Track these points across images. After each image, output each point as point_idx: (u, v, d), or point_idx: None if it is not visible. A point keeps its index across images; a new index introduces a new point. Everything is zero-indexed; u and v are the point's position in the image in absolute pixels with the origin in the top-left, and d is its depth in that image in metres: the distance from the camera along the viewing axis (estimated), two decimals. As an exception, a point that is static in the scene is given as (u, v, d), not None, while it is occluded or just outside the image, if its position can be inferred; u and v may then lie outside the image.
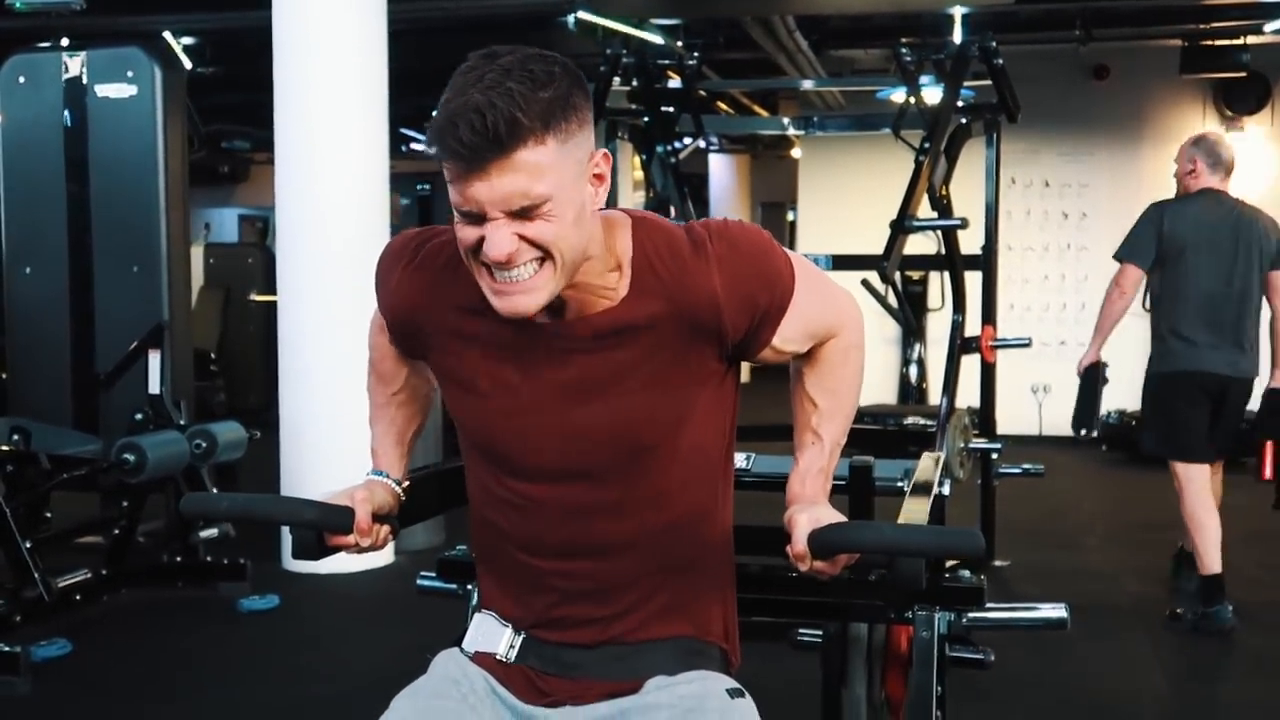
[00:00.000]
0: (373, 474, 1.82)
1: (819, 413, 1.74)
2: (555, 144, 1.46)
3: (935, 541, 1.66)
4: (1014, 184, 9.41)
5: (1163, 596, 5.28)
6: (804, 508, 1.66)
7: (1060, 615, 2.13)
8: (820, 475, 1.72)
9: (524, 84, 1.44)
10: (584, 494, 1.65)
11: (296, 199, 5.53)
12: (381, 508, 1.75)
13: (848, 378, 1.76)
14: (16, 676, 4.06)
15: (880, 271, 5.03)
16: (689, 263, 1.60)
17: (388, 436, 1.87)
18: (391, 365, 1.86)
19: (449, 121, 1.43)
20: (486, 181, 1.45)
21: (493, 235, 1.47)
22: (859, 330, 1.77)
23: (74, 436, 5.58)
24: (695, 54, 6.51)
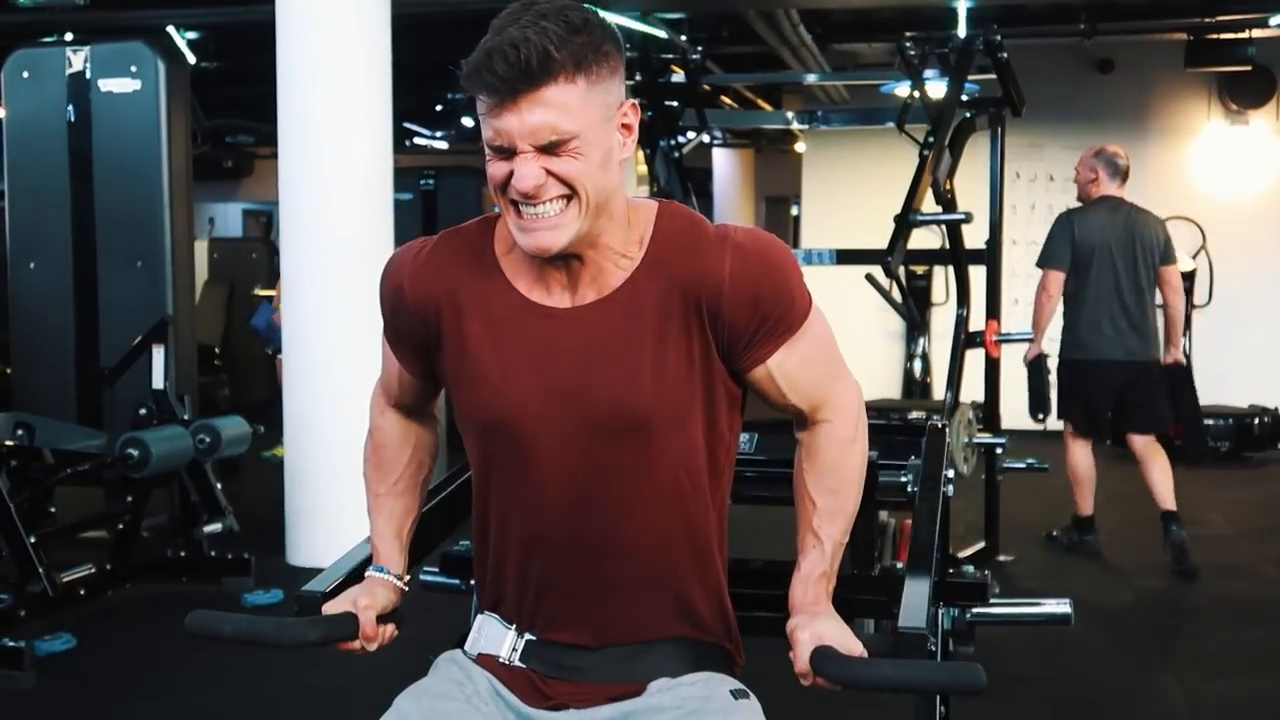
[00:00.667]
0: (374, 570, 1.82)
1: (819, 513, 1.71)
2: (585, 84, 1.51)
3: (936, 679, 1.65)
4: (1018, 178, 9.39)
5: (1170, 591, 5.28)
6: (807, 621, 1.64)
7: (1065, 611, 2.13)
8: (822, 579, 1.70)
9: (559, 25, 1.50)
10: (586, 485, 1.64)
11: (300, 193, 5.53)
12: (384, 609, 1.76)
13: (848, 476, 1.74)
14: (21, 671, 4.06)
15: (884, 266, 5.02)
16: (704, 244, 1.63)
17: (388, 530, 1.85)
18: (394, 450, 1.85)
19: (485, 55, 1.50)
20: (517, 114, 1.50)
21: (521, 168, 1.52)
22: (859, 422, 1.75)
23: (78, 431, 5.58)
24: (699, 48, 6.51)
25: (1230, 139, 9.49)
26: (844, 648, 1.59)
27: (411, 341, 1.74)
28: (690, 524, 1.69)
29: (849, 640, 1.61)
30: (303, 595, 1.82)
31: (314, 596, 1.79)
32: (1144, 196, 9.53)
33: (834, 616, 1.66)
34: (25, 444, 5.02)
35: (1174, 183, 9.53)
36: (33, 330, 6.20)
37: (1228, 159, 9.46)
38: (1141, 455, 5.78)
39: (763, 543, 2.43)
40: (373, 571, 1.81)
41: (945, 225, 5.58)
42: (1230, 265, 9.43)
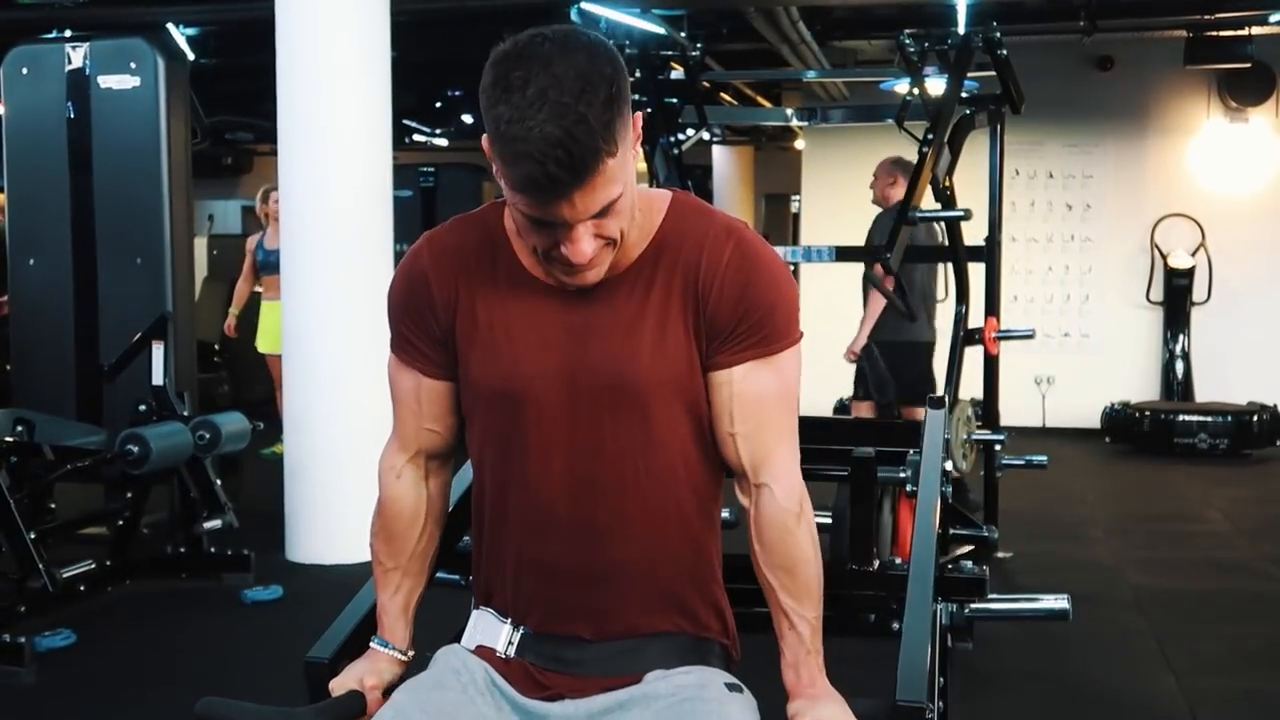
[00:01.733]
0: (378, 644, 1.83)
1: (784, 594, 1.69)
2: (621, 146, 1.52)
3: None
4: (1018, 175, 9.38)
5: (1168, 588, 5.29)
6: (808, 705, 1.65)
7: (1063, 607, 2.14)
8: (810, 658, 1.68)
9: (587, 101, 1.46)
10: (587, 461, 1.66)
11: (300, 190, 5.53)
12: (390, 684, 1.78)
13: (798, 553, 1.68)
14: (21, 667, 4.07)
15: (883, 263, 5.02)
16: (712, 231, 1.66)
17: (394, 605, 1.85)
18: (405, 525, 1.83)
19: (531, 159, 1.45)
20: (570, 205, 1.50)
21: (575, 245, 1.54)
22: (800, 494, 1.69)
23: (78, 428, 5.58)
24: (698, 45, 6.49)
25: (1230, 136, 9.49)
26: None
27: (431, 334, 1.73)
28: (686, 509, 1.71)
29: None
30: (310, 662, 1.85)
31: (320, 662, 1.83)
32: (1143, 194, 9.60)
33: (832, 697, 1.66)
34: (25, 440, 5.02)
35: (1173, 180, 9.53)
36: (32, 327, 6.20)
37: (1227, 156, 9.46)
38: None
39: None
40: (377, 645, 1.83)
41: (945, 222, 5.58)
42: (1229, 263, 9.44)
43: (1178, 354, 9.42)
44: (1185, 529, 6.54)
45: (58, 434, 5.26)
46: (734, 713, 1.64)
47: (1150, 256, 9.55)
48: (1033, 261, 9.70)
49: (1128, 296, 9.64)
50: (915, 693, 1.71)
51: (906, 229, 5.02)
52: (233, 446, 5.35)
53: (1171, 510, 7.00)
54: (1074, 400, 9.49)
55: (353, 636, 1.87)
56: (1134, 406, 8.88)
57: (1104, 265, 9.70)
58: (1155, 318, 9.57)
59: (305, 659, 1.85)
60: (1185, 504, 7.16)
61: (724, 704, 1.64)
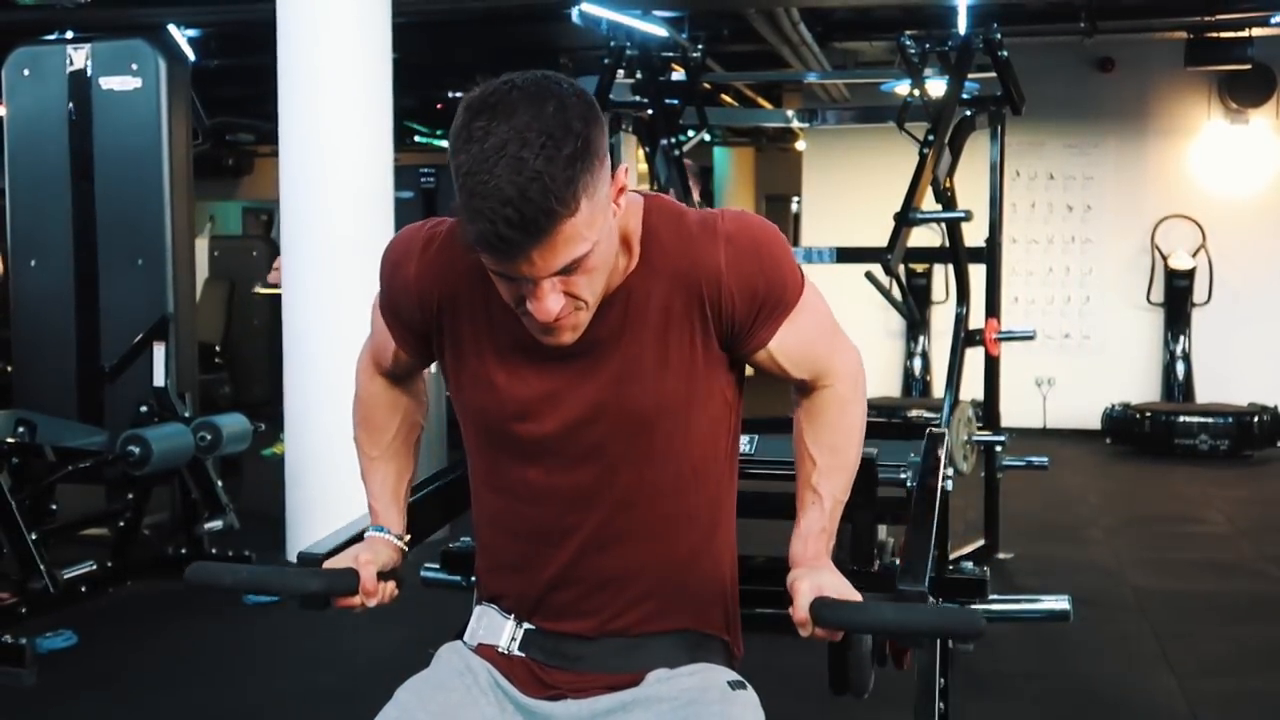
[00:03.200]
0: (373, 530, 1.83)
1: (818, 470, 1.72)
2: (586, 203, 1.44)
3: (935, 622, 1.65)
4: (1018, 176, 9.40)
5: (1169, 589, 5.29)
6: (806, 573, 1.65)
7: (1063, 608, 2.14)
8: (822, 535, 1.70)
9: (547, 156, 1.39)
10: (589, 480, 1.65)
11: (301, 191, 5.53)
12: (385, 565, 1.76)
13: (847, 433, 1.74)
14: (23, 668, 4.07)
15: (884, 264, 5.02)
16: (696, 237, 1.62)
17: (384, 491, 1.86)
18: (384, 413, 1.86)
19: (483, 217, 1.40)
20: (530, 264, 1.45)
21: (542, 301, 1.49)
22: (859, 382, 1.76)
23: (79, 429, 5.58)
24: (699, 46, 6.49)
25: (1230, 138, 9.49)
26: (844, 598, 1.61)
27: (410, 328, 1.74)
28: (693, 513, 1.70)
29: (849, 591, 1.62)
30: (304, 555, 1.82)
31: (314, 557, 1.80)
32: (1144, 195, 9.61)
33: (834, 570, 1.66)
34: (26, 441, 5.02)
35: (1174, 181, 9.54)
36: (34, 328, 6.20)
37: (1227, 158, 9.46)
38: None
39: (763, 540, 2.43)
40: (372, 531, 1.82)
41: (945, 223, 5.58)
42: (1230, 264, 9.44)
43: (1178, 355, 9.42)
44: (1186, 530, 6.54)
45: (59, 435, 5.26)
46: (736, 713, 1.63)
47: (1151, 258, 9.56)
48: (1033, 263, 9.70)
49: (1128, 298, 9.64)
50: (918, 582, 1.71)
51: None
52: (234, 447, 5.35)
53: (1172, 511, 7.00)
54: (1075, 401, 9.49)
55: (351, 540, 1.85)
56: (1135, 408, 8.88)
57: (1104, 266, 9.70)
58: (1156, 319, 9.58)
59: (299, 554, 1.83)
60: (1186, 505, 7.16)
61: (727, 705, 1.64)
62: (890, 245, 4.97)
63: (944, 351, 5.66)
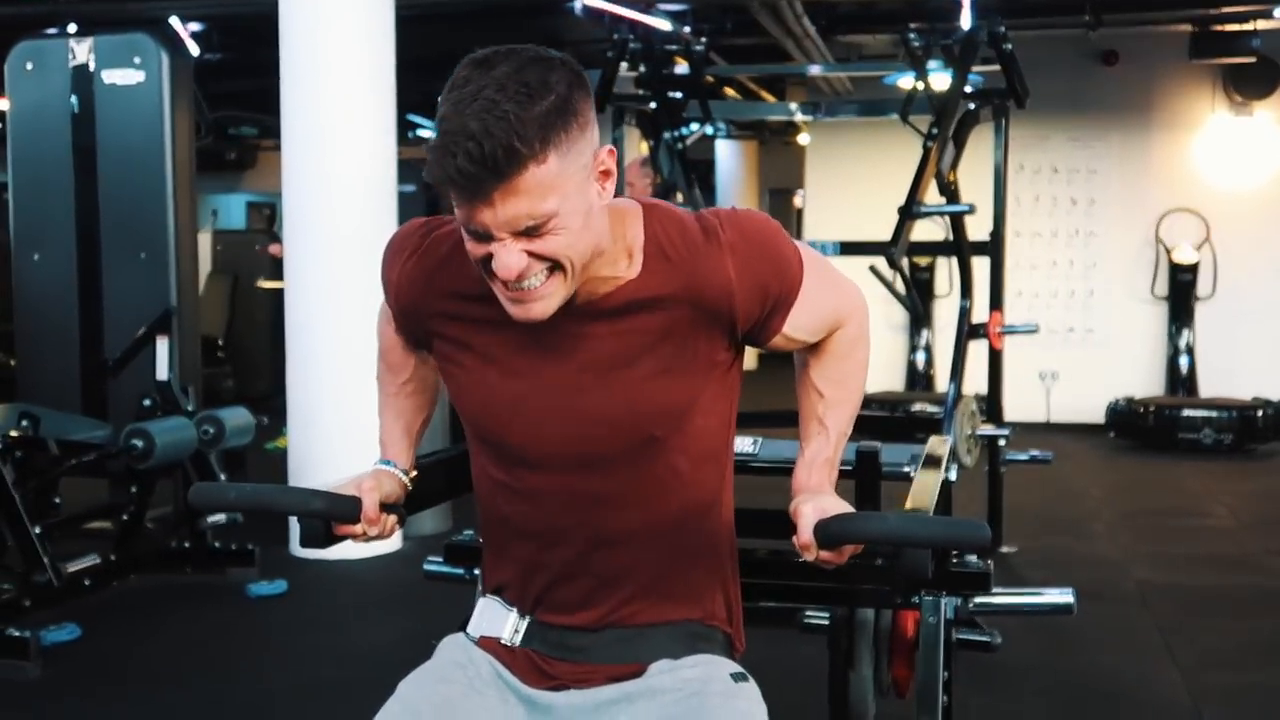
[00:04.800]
0: (380, 463, 1.82)
1: (825, 402, 1.74)
2: (556, 158, 1.43)
3: (941, 532, 1.65)
4: (1022, 169, 9.38)
5: (1172, 583, 5.29)
6: (809, 497, 1.65)
7: (1067, 601, 2.14)
8: (826, 465, 1.71)
9: (519, 102, 1.41)
10: (590, 483, 1.65)
11: (304, 185, 5.53)
12: (389, 497, 1.74)
13: (853, 368, 1.76)
14: (26, 661, 4.08)
15: (888, 257, 5.02)
16: (701, 249, 1.60)
17: (395, 426, 1.87)
18: (400, 356, 1.86)
19: (446, 151, 1.41)
20: (490, 208, 1.44)
21: (501, 256, 1.47)
22: (865, 320, 1.77)
23: (83, 422, 5.59)
24: (702, 39, 6.50)
25: (1234, 130, 9.48)
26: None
27: (405, 323, 1.76)
28: (694, 509, 1.70)
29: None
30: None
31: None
32: (1148, 188, 9.59)
33: (836, 497, 1.67)
34: (30, 435, 5.03)
35: (1178, 174, 9.53)
36: (37, 322, 6.20)
37: (1232, 151, 9.45)
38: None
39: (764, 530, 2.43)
40: (379, 464, 1.82)
41: (949, 216, 5.57)
42: (1234, 257, 9.43)
43: (1182, 349, 9.42)
44: (1190, 524, 6.53)
45: (63, 428, 5.27)
46: (740, 706, 1.64)
47: (1155, 251, 9.55)
48: (1037, 256, 9.70)
49: (1132, 291, 9.63)
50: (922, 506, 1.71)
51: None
52: (237, 441, 5.35)
53: (1176, 505, 6.99)
54: (1078, 395, 9.49)
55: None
56: (1138, 401, 8.87)
57: (1108, 260, 9.69)
58: (1160, 312, 9.57)
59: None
60: (1190, 499, 7.15)
61: (729, 697, 1.64)
62: (894, 239, 4.97)
63: (947, 345, 5.66)
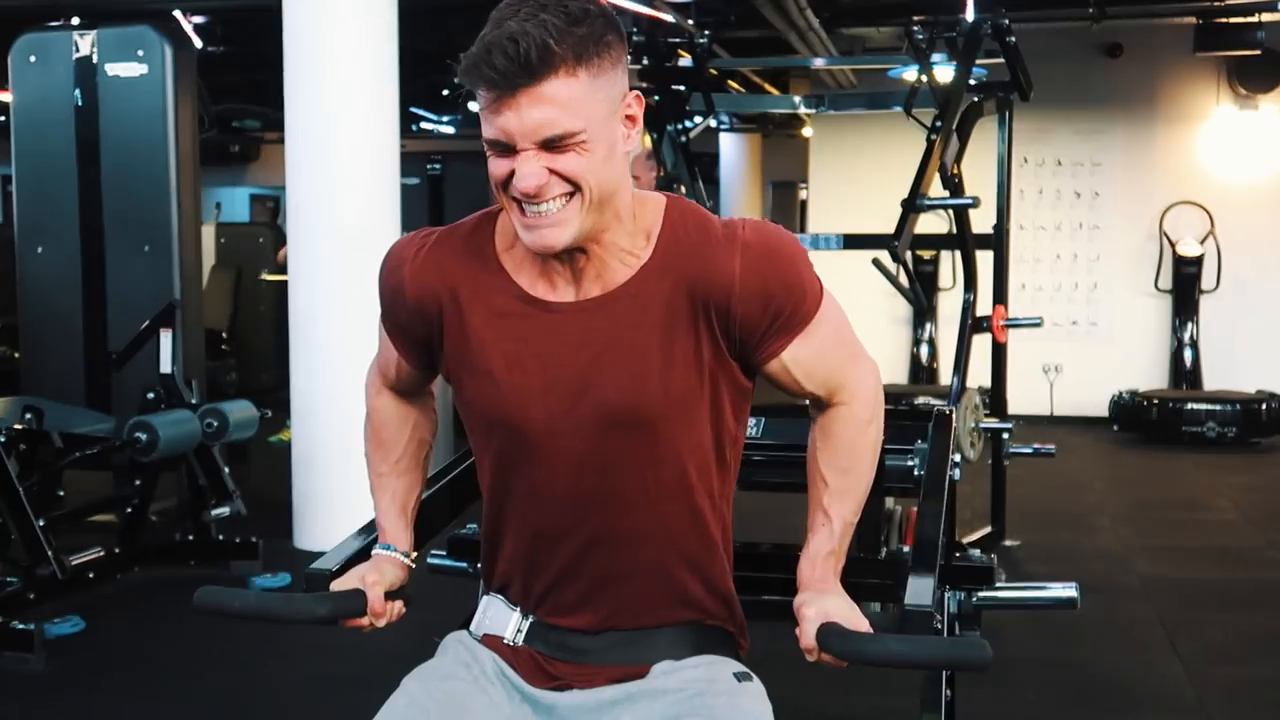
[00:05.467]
0: (380, 549, 1.82)
1: (829, 492, 1.71)
2: (587, 78, 1.48)
3: (942, 654, 1.63)
4: (1026, 163, 9.37)
5: (1176, 576, 5.28)
6: (814, 598, 1.64)
7: (1071, 595, 2.13)
8: (830, 558, 1.69)
9: (559, 18, 1.47)
10: (591, 480, 1.64)
11: (307, 178, 5.53)
12: (392, 585, 1.77)
13: (860, 455, 1.73)
14: (31, 653, 4.09)
15: (891, 250, 5.01)
16: (713, 241, 1.61)
17: (391, 508, 1.86)
18: (393, 430, 1.85)
19: (483, 49, 1.47)
20: (516, 111, 1.47)
21: (522, 167, 1.50)
22: (875, 403, 1.75)
23: (86, 415, 5.60)
24: (706, 32, 6.48)
25: (1239, 124, 9.45)
26: (850, 625, 1.59)
27: (411, 335, 1.73)
28: (696, 515, 1.69)
29: (856, 617, 1.61)
30: (311, 573, 1.83)
31: (323, 574, 1.80)
32: (1152, 181, 9.57)
33: (841, 594, 1.66)
34: (34, 428, 5.04)
35: (1182, 167, 9.50)
36: (41, 314, 6.21)
37: (1236, 144, 9.42)
38: None
39: (769, 526, 2.44)
40: (379, 550, 1.82)
41: (953, 210, 5.56)
42: (1238, 250, 9.41)
43: (1186, 342, 9.40)
44: (1193, 517, 6.53)
45: (66, 421, 5.28)
46: (744, 704, 1.63)
47: (1159, 244, 9.52)
48: (1041, 249, 9.68)
49: (1136, 284, 9.62)
50: (923, 598, 1.70)
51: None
52: (241, 434, 5.36)
53: (1180, 499, 6.99)
54: (1082, 388, 9.47)
55: (358, 554, 1.86)
56: (1142, 395, 8.86)
57: (1112, 253, 9.67)
58: (1164, 306, 9.55)
59: (307, 570, 1.84)
60: (1193, 492, 7.15)
61: (733, 696, 1.64)
62: (897, 232, 4.95)
63: (951, 338, 5.65)
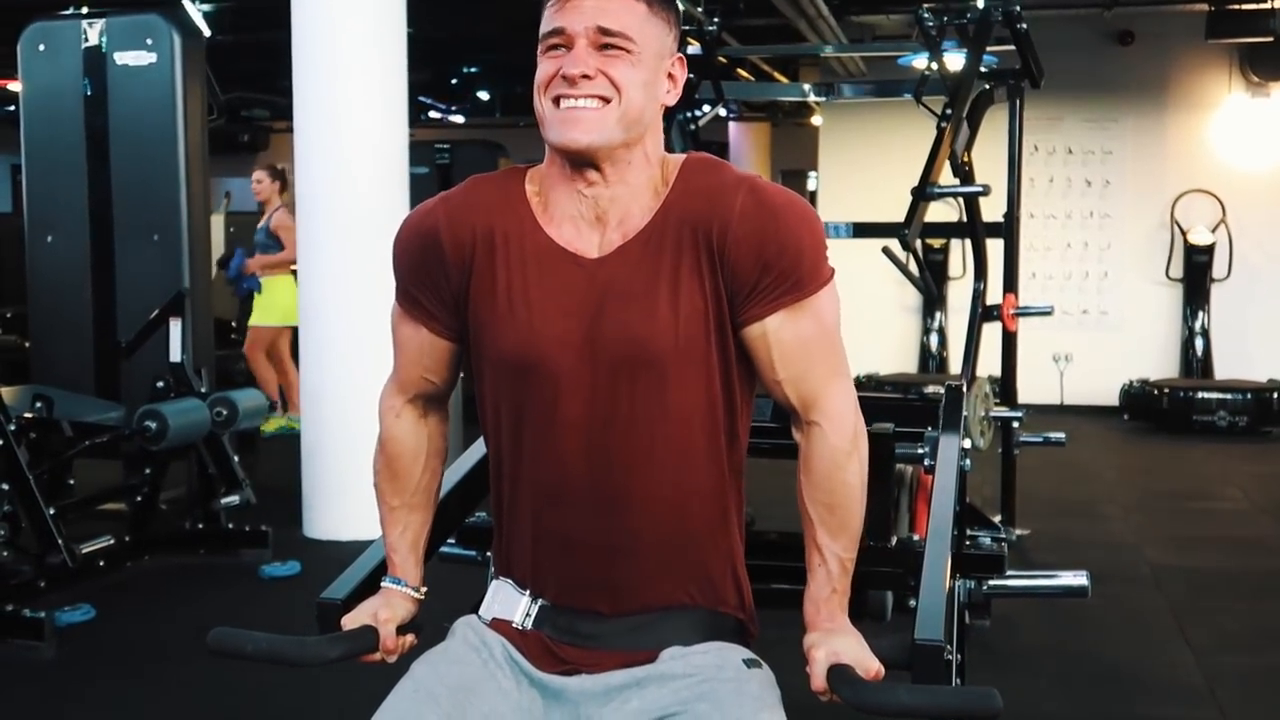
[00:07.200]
0: (390, 582, 1.83)
1: (819, 530, 1.69)
2: (646, 11, 1.62)
3: (951, 704, 1.62)
4: (1036, 151, 9.34)
5: (1186, 565, 5.27)
6: (822, 639, 1.64)
7: (1081, 583, 2.13)
8: (833, 597, 1.69)
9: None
10: (604, 430, 1.64)
11: (316, 167, 5.52)
12: (403, 619, 1.79)
13: (844, 492, 1.68)
14: (42, 641, 4.10)
15: (901, 239, 4.99)
16: (723, 185, 1.65)
17: (402, 542, 1.86)
18: (408, 463, 1.84)
19: None
20: (580, 9, 1.59)
21: (573, 55, 1.60)
22: (855, 433, 1.69)
23: (96, 404, 5.60)
24: (715, 20, 6.45)
25: (1251, 111, 9.41)
26: (860, 664, 1.60)
27: (440, 296, 1.72)
28: (705, 482, 1.69)
29: (865, 657, 1.61)
30: (322, 602, 1.85)
31: (333, 603, 1.83)
32: (1163, 169, 9.54)
33: (850, 632, 1.66)
34: (44, 417, 5.05)
35: (1194, 155, 9.47)
36: (51, 304, 6.21)
37: (1248, 131, 9.39)
38: None
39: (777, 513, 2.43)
40: (389, 583, 1.83)
41: (963, 198, 5.53)
42: (1250, 238, 9.37)
43: (1197, 331, 9.37)
44: (1204, 506, 6.52)
45: (76, 410, 5.29)
46: (753, 690, 1.63)
47: (1170, 233, 9.50)
48: (1051, 238, 9.65)
49: (1147, 273, 9.59)
50: (933, 631, 1.69)
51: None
52: (250, 423, 5.37)
53: (1190, 488, 6.97)
54: (1092, 377, 9.45)
55: (367, 581, 1.88)
56: (1153, 384, 8.84)
57: (1123, 242, 9.65)
58: (1175, 294, 9.52)
59: (318, 600, 1.85)
60: (1204, 481, 7.13)
61: (742, 682, 1.63)
62: (907, 220, 4.93)
63: (961, 327, 5.62)
